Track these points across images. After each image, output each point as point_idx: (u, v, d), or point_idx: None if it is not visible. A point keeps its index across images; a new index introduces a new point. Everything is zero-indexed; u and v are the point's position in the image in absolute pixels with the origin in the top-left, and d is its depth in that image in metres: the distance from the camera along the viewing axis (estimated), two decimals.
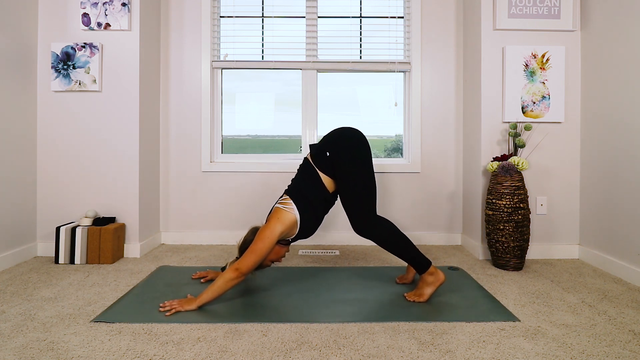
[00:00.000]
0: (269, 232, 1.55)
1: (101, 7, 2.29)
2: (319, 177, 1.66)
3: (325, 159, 1.65)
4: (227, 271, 1.50)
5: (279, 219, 1.59)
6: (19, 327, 1.38)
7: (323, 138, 1.73)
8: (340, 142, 1.65)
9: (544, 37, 2.34)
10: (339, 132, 1.70)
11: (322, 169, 1.66)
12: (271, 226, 1.56)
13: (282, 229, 1.57)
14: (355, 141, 1.66)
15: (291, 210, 1.61)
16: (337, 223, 2.69)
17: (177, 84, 2.67)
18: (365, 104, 2.82)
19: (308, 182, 1.67)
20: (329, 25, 2.75)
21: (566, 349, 1.25)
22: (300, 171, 1.74)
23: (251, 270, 1.52)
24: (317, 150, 1.69)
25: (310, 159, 1.71)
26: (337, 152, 1.63)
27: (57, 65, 2.29)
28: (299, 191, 1.65)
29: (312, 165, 1.68)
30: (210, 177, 2.68)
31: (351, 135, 1.68)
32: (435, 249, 2.55)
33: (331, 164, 1.64)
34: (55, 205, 2.33)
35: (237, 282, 1.51)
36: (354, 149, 1.64)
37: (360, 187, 1.62)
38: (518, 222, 2.04)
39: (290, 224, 1.60)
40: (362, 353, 1.22)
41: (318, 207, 1.66)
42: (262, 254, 1.52)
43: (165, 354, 1.21)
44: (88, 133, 2.33)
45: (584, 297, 1.69)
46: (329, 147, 1.65)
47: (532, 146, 2.33)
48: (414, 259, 1.63)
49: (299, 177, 1.72)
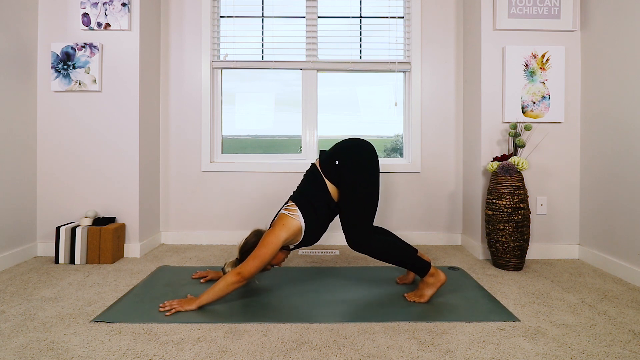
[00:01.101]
0: (274, 237, 1.54)
1: (101, 7, 2.29)
2: (325, 184, 1.64)
3: (334, 167, 1.63)
4: (229, 275, 1.50)
5: (284, 225, 1.58)
6: (19, 327, 1.38)
7: (334, 146, 1.71)
8: (351, 153, 1.63)
9: (544, 37, 2.34)
10: (351, 142, 1.68)
11: (329, 177, 1.64)
12: (276, 232, 1.55)
13: (286, 236, 1.56)
14: (366, 154, 1.64)
15: (296, 217, 1.60)
16: (337, 224, 2.69)
17: (177, 84, 2.67)
18: (365, 104, 2.82)
19: (314, 189, 1.65)
20: (329, 25, 2.75)
21: (566, 349, 1.25)
22: (306, 177, 1.72)
23: (253, 275, 1.52)
24: (327, 157, 1.67)
25: (318, 165, 1.69)
26: (346, 163, 1.61)
27: (57, 65, 2.29)
28: (305, 198, 1.64)
29: (319, 172, 1.67)
30: (210, 177, 2.68)
31: (363, 147, 1.66)
32: (435, 249, 2.55)
33: (338, 173, 1.63)
34: (55, 205, 2.33)
35: (238, 286, 1.50)
36: (364, 161, 1.62)
37: (363, 201, 1.60)
38: (518, 222, 2.04)
39: (295, 231, 1.59)
40: (362, 353, 1.22)
41: (323, 215, 1.65)
42: (265, 259, 1.51)
43: (165, 354, 1.21)
44: (88, 133, 2.33)
45: (584, 297, 1.69)
46: (339, 156, 1.64)
47: (532, 146, 2.33)
48: (412, 265, 1.61)
49: (305, 183, 1.70)
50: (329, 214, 1.68)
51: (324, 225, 1.68)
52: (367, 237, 1.61)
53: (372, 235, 1.63)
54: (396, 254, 1.62)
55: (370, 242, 1.61)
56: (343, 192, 1.62)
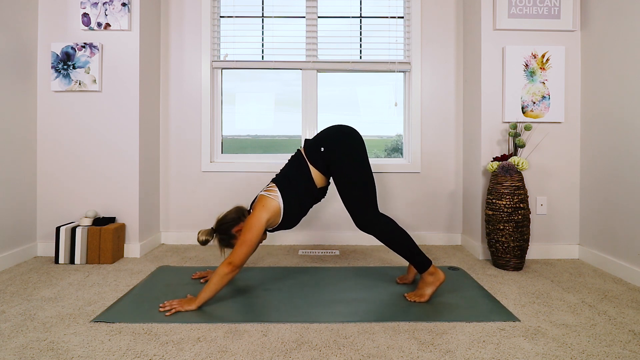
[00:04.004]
0: (256, 220, 1.55)
1: (101, 7, 2.29)
2: (309, 169, 1.66)
3: (319, 153, 1.65)
4: (221, 267, 1.50)
5: (264, 206, 1.59)
6: (19, 327, 1.38)
7: (318, 133, 1.74)
8: (336, 140, 1.65)
9: (544, 37, 2.34)
10: (335, 129, 1.71)
11: (314, 162, 1.66)
12: (257, 215, 1.57)
13: (268, 217, 1.58)
14: (352, 139, 1.66)
15: (276, 198, 1.61)
16: (337, 223, 2.69)
17: (177, 83, 2.67)
18: (365, 104, 2.82)
19: (297, 173, 1.67)
20: (329, 25, 2.75)
21: (566, 349, 1.25)
22: (290, 162, 1.74)
23: (244, 262, 1.53)
24: (312, 144, 1.69)
25: (303, 152, 1.71)
26: (333, 150, 1.64)
27: (57, 65, 2.28)
28: (287, 180, 1.66)
29: (304, 158, 1.69)
30: (210, 177, 2.68)
31: (347, 133, 1.68)
32: (435, 249, 2.55)
33: (324, 160, 1.65)
34: (55, 205, 2.33)
35: (232, 276, 1.51)
36: (351, 147, 1.65)
37: (360, 186, 1.62)
38: (518, 222, 2.04)
39: (274, 212, 1.60)
40: (362, 353, 1.22)
41: (304, 199, 1.67)
42: (252, 244, 1.53)
43: (165, 354, 1.21)
44: (88, 133, 2.33)
45: (584, 297, 1.69)
46: (324, 143, 1.66)
47: (532, 146, 2.33)
48: (415, 257, 1.62)
49: (288, 168, 1.72)
50: (310, 200, 1.70)
51: (303, 210, 1.70)
52: (373, 219, 1.63)
53: (379, 216, 1.65)
54: (402, 240, 1.63)
55: (377, 223, 1.63)
56: (338, 181, 1.64)
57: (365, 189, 1.63)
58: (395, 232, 1.63)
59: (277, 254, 2.40)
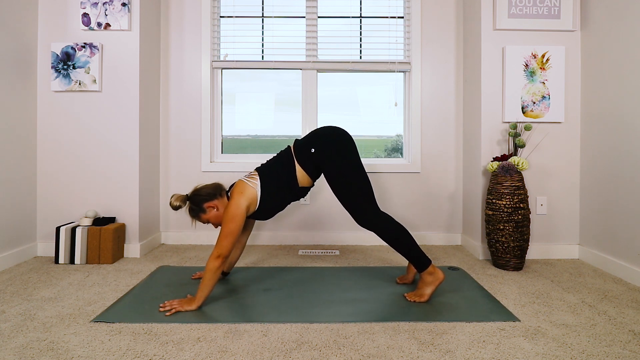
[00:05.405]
0: (236, 208, 1.55)
1: (101, 7, 2.29)
2: (294, 167, 1.66)
3: (309, 154, 1.65)
4: (210, 262, 1.50)
5: (242, 192, 1.59)
6: (19, 327, 1.38)
7: (309, 134, 1.73)
8: (328, 141, 1.65)
9: (544, 37, 2.34)
10: (327, 130, 1.70)
11: (301, 161, 1.66)
12: (236, 202, 1.56)
13: (247, 203, 1.58)
14: (344, 140, 1.66)
15: (254, 186, 1.62)
16: (337, 223, 2.69)
17: (177, 84, 2.67)
18: (365, 104, 2.81)
19: (280, 167, 1.67)
20: (329, 25, 2.75)
21: (566, 349, 1.25)
22: (278, 156, 1.73)
23: (231, 250, 1.54)
24: (303, 144, 1.68)
25: (292, 150, 1.71)
26: (324, 151, 1.63)
27: (57, 65, 2.28)
28: (269, 171, 1.66)
29: (292, 155, 1.69)
30: (210, 177, 2.68)
31: (339, 134, 1.68)
32: (435, 249, 2.55)
33: (313, 161, 1.65)
34: (55, 205, 2.33)
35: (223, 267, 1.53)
36: (344, 148, 1.65)
37: (356, 185, 1.62)
38: (518, 222, 2.04)
39: (252, 198, 1.61)
40: (362, 353, 1.22)
41: (284, 194, 1.67)
42: (236, 233, 1.53)
43: (165, 354, 1.21)
44: (88, 133, 2.33)
45: (584, 297, 1.69)
46: (315, 144, 1.65)
47: (532, 146, 2.33)
48: (415, 256, 1.63)
49: (275, 161, 1.71)
50: (289, 197, 1.70)
51: (280, 204, 1.70)
52: (373, 216, 1.64)
53: (379, 214, 1.65)
54: (403, 237, 1.63)
55: (377, 220, 1.64)
56: (333, 182, 1.64)
57: (362, 188, 1.63)
58: (396, 230, 1.64)
59: (277, 254, 2.40)
